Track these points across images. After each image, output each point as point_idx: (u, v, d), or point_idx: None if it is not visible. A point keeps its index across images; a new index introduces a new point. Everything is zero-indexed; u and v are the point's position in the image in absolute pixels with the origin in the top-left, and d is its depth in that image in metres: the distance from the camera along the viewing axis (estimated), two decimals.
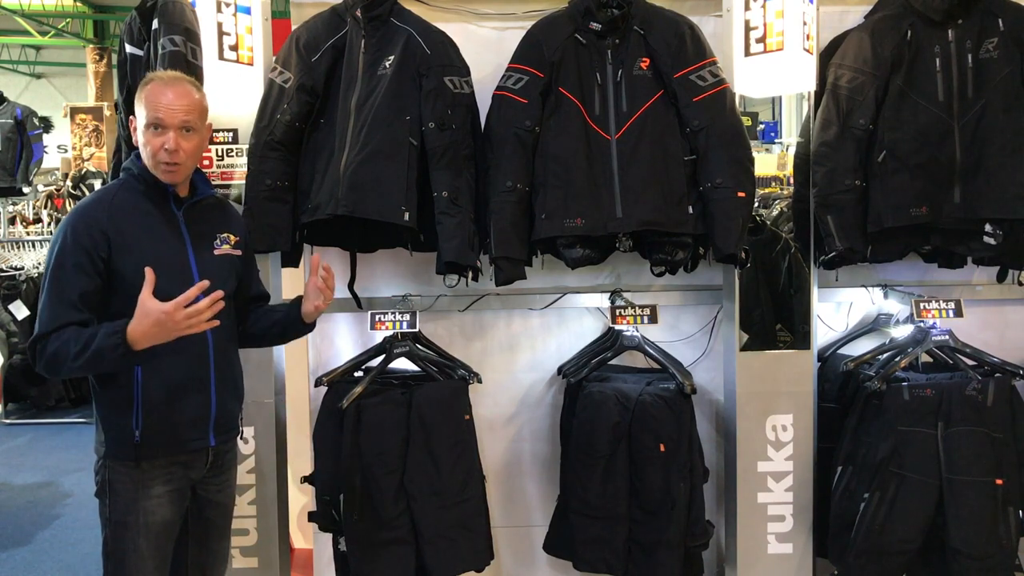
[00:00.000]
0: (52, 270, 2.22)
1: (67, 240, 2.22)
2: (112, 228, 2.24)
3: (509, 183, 2.98)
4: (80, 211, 2.29)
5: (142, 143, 2.30)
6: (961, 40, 3.07)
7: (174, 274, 2.27)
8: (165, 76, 2.35)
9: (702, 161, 3.00)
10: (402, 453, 2.98)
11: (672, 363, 3.22)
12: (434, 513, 2.98)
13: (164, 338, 2.12)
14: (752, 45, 3.04)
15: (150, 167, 2.31)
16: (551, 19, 3.11)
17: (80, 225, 2.24)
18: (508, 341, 3.49)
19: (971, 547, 2.99)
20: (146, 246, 2.27)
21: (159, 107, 2.26)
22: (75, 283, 2.19)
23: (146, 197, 2.33)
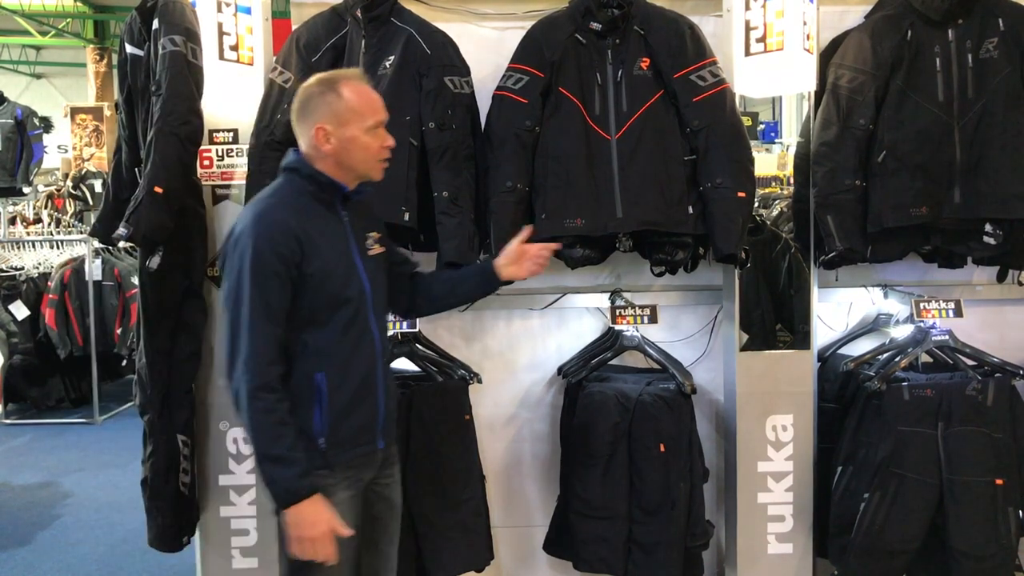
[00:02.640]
0: (252, 281, 2.12)
1: (262, 248, 2.14)
2: (301, 231, 2.19)
3: (509, 183, 2.98)
4: (265, 216, 2.20)
5: (360, 145, 2.27)
6: (961, 40, 3.07)
7: (347, 276, 2.26)
8: (359, 74, 2.36)
9: (702, 161, 3.00)
10: (402, 453, 2.98)
11: (672, 363, 3.22)
12: (434, 513, 2.98)
13: (305, 528, 2.11)
14: (752, 45, 3.04)
15: (365, 167, 2.30)
16: (551, 19, 3.11)
17: (274, 231, 2.17)
18: (508, 341, 3.49)
19: (971, 547, 2.99)
20: (325, 249, 2.23)
21: (378, 107, 2.30)
22: (278, 295, 2.15)
23: (315, 198, 2.28)
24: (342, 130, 2.24)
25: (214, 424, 3.23)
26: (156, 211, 2.89)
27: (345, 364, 2.23)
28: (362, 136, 2.26)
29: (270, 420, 2.11)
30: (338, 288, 2.22)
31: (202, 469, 3.24)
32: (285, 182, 2.31)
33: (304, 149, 2.30)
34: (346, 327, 2.24)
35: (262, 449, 2.12)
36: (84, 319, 6.86)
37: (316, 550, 2.12)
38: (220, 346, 2.16)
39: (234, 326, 2.14)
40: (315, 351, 2.20)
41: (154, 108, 2.96)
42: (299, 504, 2.10)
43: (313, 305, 2.19)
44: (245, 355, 2.11)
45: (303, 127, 2.28)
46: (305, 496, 2.11)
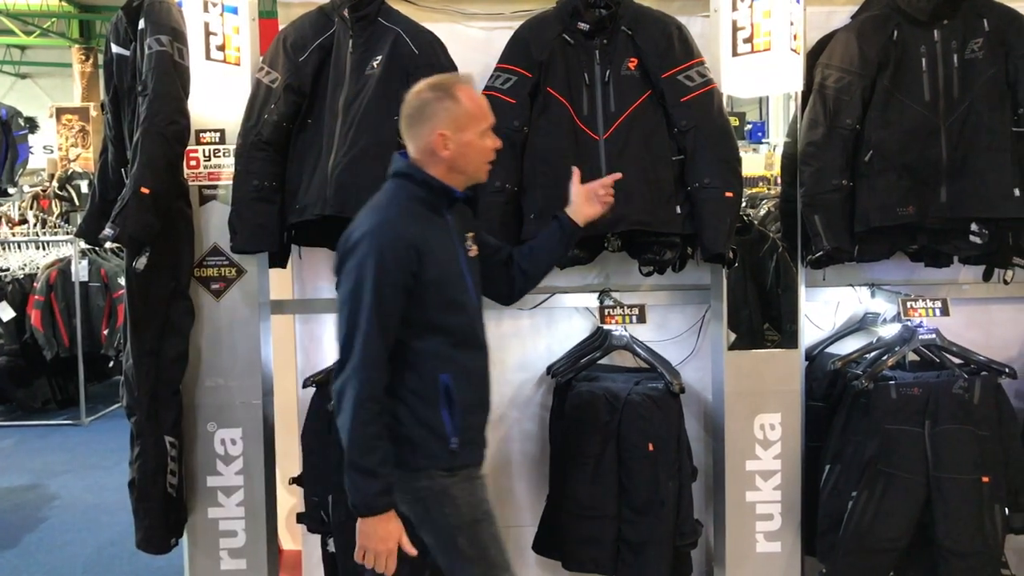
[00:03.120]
0: (371, 290, 2.16)
1: (382, 258, 2.18)
2: (420, 239, 2.24)
3: (498, 183, 2.98)
4: (386, 225, 2.24)
5: (476, 148, 2.32)
6: (947, 40, 3.09)
7: (458, 280, 2.33)
8: (470, 77, 2.43)
9: (690, 161, 3.01)
10: None
11: (660, 362, 3.23)
12: None
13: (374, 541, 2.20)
14: (739, 45, 3.04)
15: (476, 170, 2.36)
16: (539, 19, 3.12)
17: (395, 241, 2.21)
18: (497, 341, 3.45)
19: (958, 544, 3.01)
20: (440, 255, 2.29)
21: (489, 111, 2.37)
22: (395, 305, 2.20)
23: (425, 203, 2.32)
24: (460, 135, 2.29)
25: (202, 425, 3.22)
26: (143, 212, 2.88)
27: (465, 365, 2.32)
28: (477, 140, 2.32)
29: (368, 432, 2.17)
30: (452, 292, 2.29)
31: (190, 470, 3.23)
32: (398, 188, 2.34)
33: (414, 154, 2.33)
34: (462, 330, 2.32)
35: (354, 458, 2.18)
36: (70, 320, 6.83)
37: (379, 564, 2.21)
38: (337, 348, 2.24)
39: (350, 331, 2.18)
40: (437, 354, 2.28)
41: (140, 108, 2.95)
42: (374, 517, 2.19)
43: (432, 310, 2.26)
44: (357, 362, 2.17)
45: (417, 132, 2.31)
46: (381, 512, 2.19)
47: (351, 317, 2.18)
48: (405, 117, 2.34)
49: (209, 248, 3.21)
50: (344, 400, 2.17)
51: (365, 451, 2.17)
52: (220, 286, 3.22)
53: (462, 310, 2.33)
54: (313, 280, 3.43)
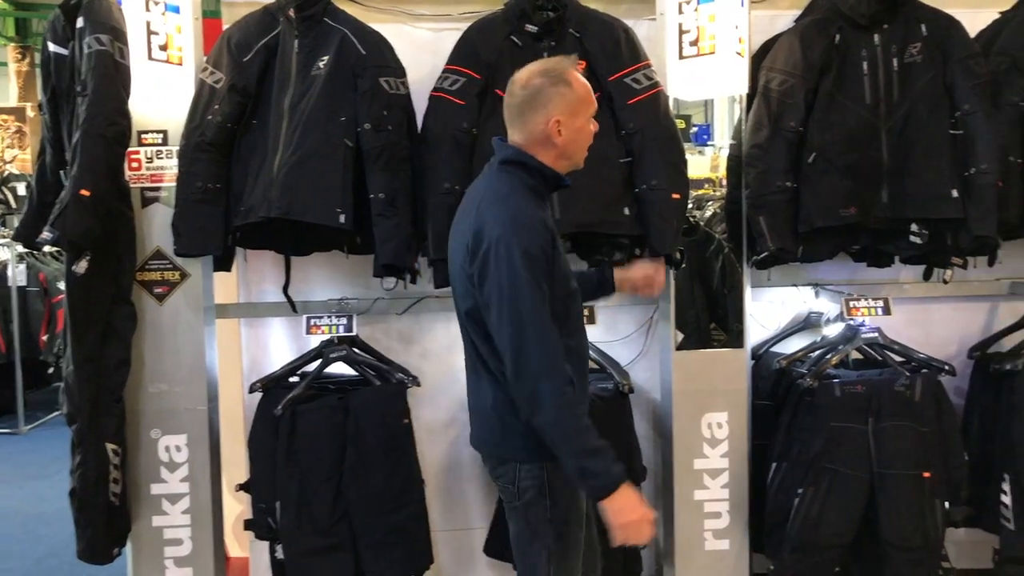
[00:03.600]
0: (528, 280, 2.10)
1: (529, 246, 2.12)
2: (551, 225, 2.23)
3: (447, 184, 2.97)
4: (522, 214, 2.18)
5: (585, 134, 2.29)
6: (887, 44, 3.15)
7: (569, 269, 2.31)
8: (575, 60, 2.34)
9: (637, 163, 3.03)
10: (339, 459, 2.96)
11: (610, 363, 3.25)
12: (372, 519, 2.96)
13: (628, 513, 2.10)
14: (685, 48, 3.08)
15: (581, 155, 2.33)
16: (487, 21, 3.11)
17: (535, 228, 2.16)
18: (448, 343, 3.47)
19: (901, 539, 3.07)
20: (558, 241, 2.26)
21: (594, 96, 2.31)
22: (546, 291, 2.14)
23: (535, 191, 2.27)
24: (573, 120, 2.25)
25: (145, 432, 3.16)
26: (82, 215, 2.81)
27: (580, 354, 2.31)
28: (587, 125, 2.29)
29: (577, 413, 2.13)
30: (569, 280, 2.29)
31: (133, 478, 3.16)
32: (511, 176, 2.26)
33: (522, 141, 2.27)
34: (576, 318, 2.31)
35: (579, 444, 2.11)
36: (7, 325, 6.65)
37: (640, 532, 2.13)
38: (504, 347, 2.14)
39: (519, 330, 2.10)
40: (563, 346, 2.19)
41: (80, 109, 2.87)
42: (620, 491, 2.09)
43: (559, 298, 2.21)
44: (540, 357, 2.10)
45: (529, 119, 2.24)
46: (624, 480, 2.11)
47: (516, 315, 2.10)
48: (514, 105, 2.27)
49: (152, 252, 3.15)
50: (541, 396, 2.09)
51: (584, 433, 2.11)
52: (163, 290, 3.16)
53: (575, 297, 2.31)
54: (258, 284, 3.39)
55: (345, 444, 2.97)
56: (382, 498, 2.98)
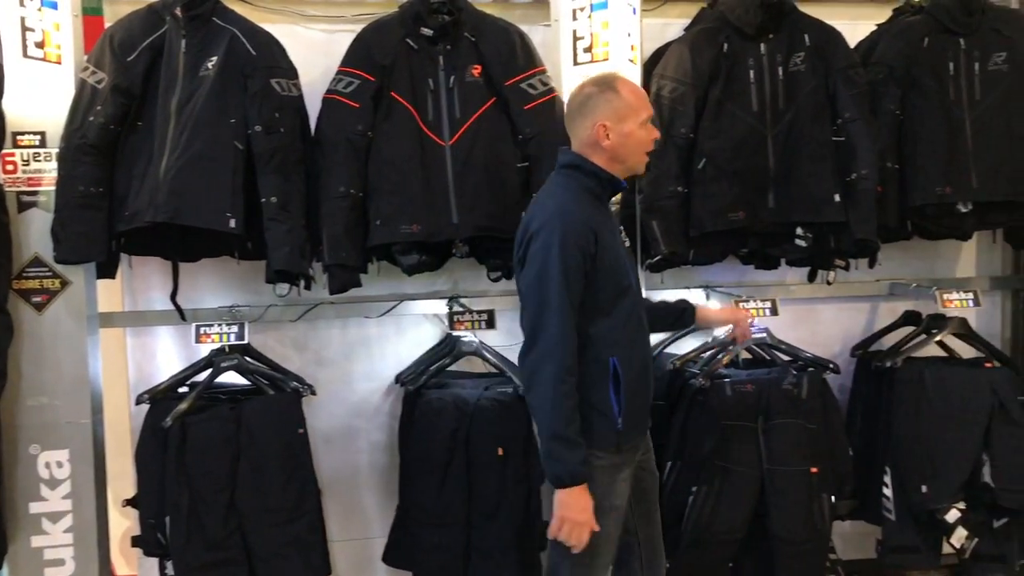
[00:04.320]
0: (559, 272, 2.27)
1: (566, 241, 2.28)
2: (595, 225, 2.36)
3: (342, 188, 2.93)
4: (566, 211, 2.34)
5: (636, 139, 2.42)
6: (772, 54, 3.25)
7: (623, 266, 2.45)
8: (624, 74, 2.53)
9: (535, 168, 3.04)
10: (232, 470, 2.88)
11: (510, 367, 3.25)
12: (267, 531, 2.89)
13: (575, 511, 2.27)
14: (580, 55, 3.11)
15: (636, 160, 2.47)
16: (381, 23, 3.08)
17: (576, 226, 2.32)
18: (343, 351, 3.43)
19: (790, 533, 3.16)
20: (609, 241, 2.40)
21: (648, 103, 2.48)
22: (577, 286, 2.30)
23: (592, 193, 2.43)
24: (620, 125, 2.40)
25: (23, 448, 2.99)
26: None
27: (630, 348, 2.42)
28: (637, 130, 2.42)
29: (569, 403, 2.26)
30: (620, 277, 2.41)
31: (10, 497, 2.99)
32: (567, 179, 2.45)
33: (577, 147, 2.46)
34: (628, 314, 2.42)
35: (557, 429, 2.26)
36: None
37: (574, 534, 2.28)
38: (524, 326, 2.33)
39: (539, 311, 2.28)
40: (606, 337, 2.36)
41: None
42: (576, 488, 2.26)
43: (604, 294, 2.36)
44: (551, 339, 2.26)
45: (580, 124, 2.43)
46: (582, 481, 2.27)
47: (540, 297, 2.28)
48: (568, 113, 2.49)
49: (30, 259, 2.99)
50: (541, 375, 2.26)
51: (568, 422, 2.26)
52: (42, 299, 3.01)
53: (627, 294, 2.42)
54: (145, 291, 3.27)
55: (238, 455, 2.89)
56: (277, 509, 2.91)
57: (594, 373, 2.36)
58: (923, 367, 3.44)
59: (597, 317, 2.36)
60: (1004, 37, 3.34)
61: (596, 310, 2.35)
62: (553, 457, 2.28)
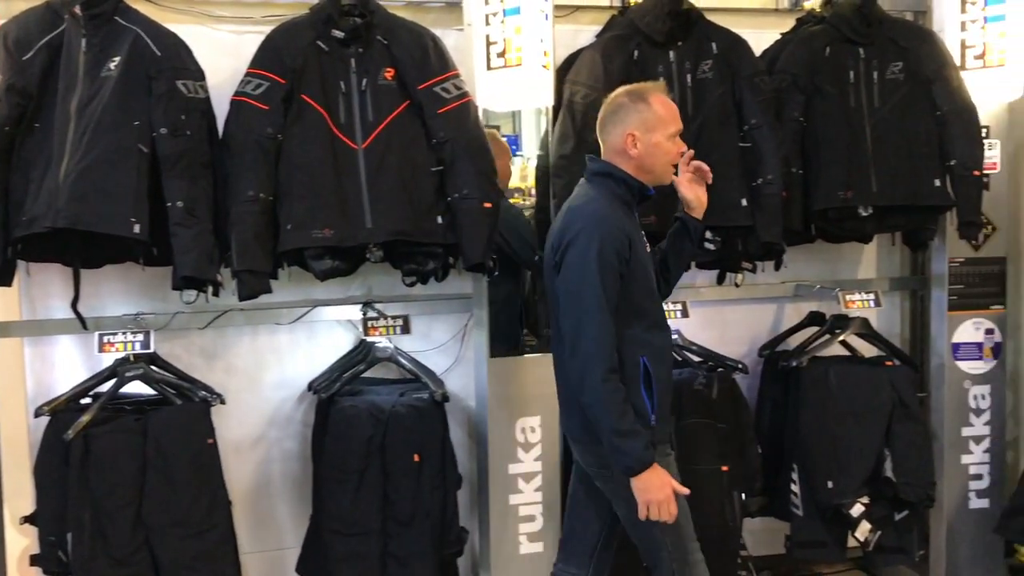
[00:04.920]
0: (597, 275, 2.37)
1: (604, 245, 2.39)
2: (629, 230, 2.47)
3: (251, 192, 2.87)
4: (603, 216, 2.46)
5: (662, 150, 2.52)
6: (681, 61, 3.31)
7: (650, 272, 2.56)
8: (663, 87, 2.61)
9: (449, 172, 3.04)
10: (138, 484, 2.80)
11: (425, 372, 3.24)
12: (176, 544, 2.81)
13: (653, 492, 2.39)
14: (493, 60, 3.11)
15: (661, 172, 2.55)
16: (292, 25, 3.03)
17: (613, 230, 2.43)
18: (254, 358, 3.36)
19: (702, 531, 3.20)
20: (639, 247, 2.51)
21: (678, 117, 2.56)
22: (613, 288, 2.41)
23: (622, 200, 2.54)
24: (648, 136, 2.50)
25: None
26: None
27: (659, 349, 2.54)
28: (664, 142, 2.52)
29: (618, 398, 2.38)
30: (648, 281, 2.54)
31: None
32: (600, 186, 2.55)
33: (606, 153, 2.56)
34: (655, 316, 2.56)
35: (614, 424, 2.37)
36: None
37: (663, 510, 2.40)
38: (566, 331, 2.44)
39: (580, 316, 2.40)
40: (637, 338, 2.47)
41: None
42: (647, 471, 2.37)
43: (636, 297, 2.48)
44: (592, 344, 2.37)
45: (610, 132, 2.55)
46: (650, 464, 2.38)
47: (580, 302, 2.40)
48: (601, 120, 2.58)
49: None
50: (589, 379, 2.37)
51: (621, 415, 2.37)
52: None
53: (653, 296, 2.56)
54: (44, 299, 3.15)
55: (145, 468, 2.82)
56: (186, 522, 2.84)
57: (628, 373, 2.46)
58: (828, 366, 3.56)
59: (630, 319, 2.46)
60: (900, 47, 3.47)
61: (629, 312, 2.46)
62: (618, 451, 2.39)
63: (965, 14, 3.51)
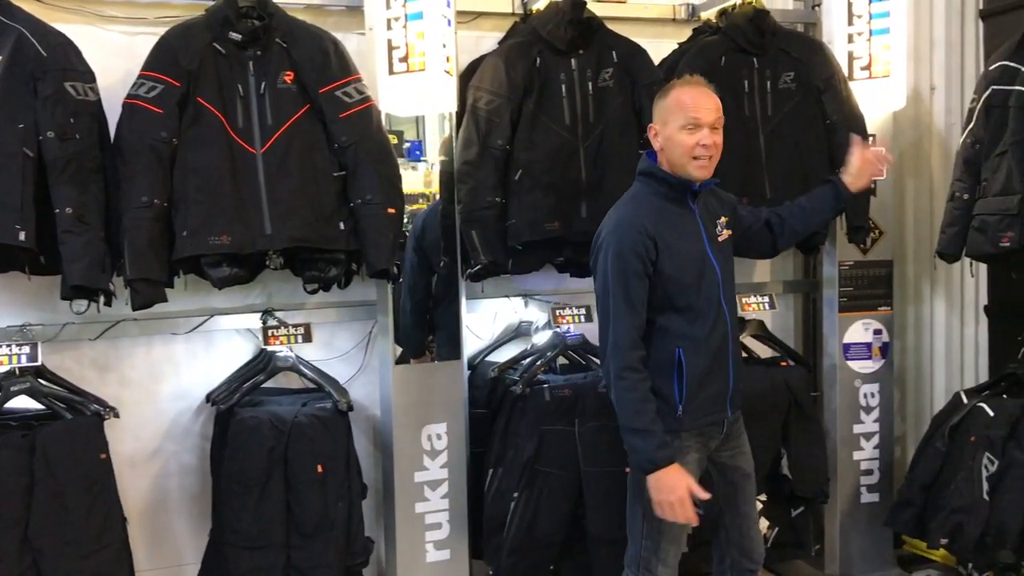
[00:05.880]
0: (615, 278, 2.51)
1: (621, 250, 2.51)
2: (655, 231, 2.53)
3: (145, 198, 2.78)
4: (623, 221, 2.57)
5: (675, 141, 2.54)
6: (583, 69, 3.36)
7: (697, 265, 2.59)
8: (699, 80, 2.64)
9: (351, 177, 3.01)
10: (25, 502, 2.67)
11: (328, 381, 3.20)
12: (67, 565, 2.70)
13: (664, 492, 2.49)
14: (395, 64, 3.09)
15: (680, 164, 2.56)
16: (187, 26, 2.95)
17: (632, 234, 2.52)
18: (149, 370, 3.25)
19: (605, 532, 3.26)
20: (677, 244, 2.56)
21: (694, 107, 2.54)
22: (637, 289, 2.50)
23: (667, 198, 2.61)
24: (664, 128, 2.58)
25: None
26: None
27: (701, 342, 2.58)
28: (676, 134, 2.54)
29: (633, 397, 2.49)
30: (692, 278, 2.57)
31: None
32: (641, 186, 2.66)
33: None
34: (701, 309, 2.58)
35: (626, 422, 2.51)
36: None
37: (675, 511, 2.48)
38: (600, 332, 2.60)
39: (604, 317, 2.55)
40: (675, 331, 2.56)
41: None
42: (659, 472, 2.47)
43: (670, 293, 2.55)
44: (612, 342, 2.51)
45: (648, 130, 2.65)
46: (663, 465, 2.47)
47: (604, 306, 2.55)
48: None
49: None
50: (609, 376, 2.52)
51: (634, 414, 2.49)
52: None
53: (701, 291, 2.58)
54: None
55: (32, 486, 2.69)
56: (78, 541, 2.73)
57: (662, 362, 2.56)
58: None
59: (666, 311, 2.56)
60: (792, 58, 3.59)
61: (665, 304, 2.55)
62: (631, 448, 2.52)
63: (852, 27, 3.66)
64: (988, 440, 3.28)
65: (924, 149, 4.17)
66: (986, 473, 3.26)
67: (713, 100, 2.60)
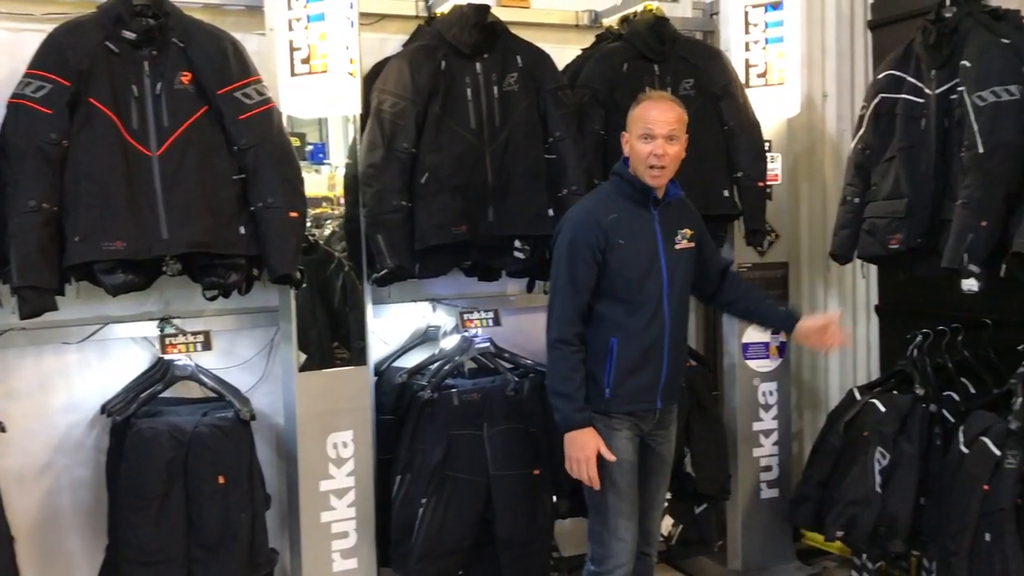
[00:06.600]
0: (565, 261, 2.77)
1: (573, 236, 2.77)
2: (607, 224, 2.76)
3: (33, 202, 2.68)
4: (579, 211, 2.86)
5: (635, 150, 2.77)
6: (487, 73, 3.36)
7: (646, 265, 2.79)
8: (655, 95, 2.89)
9: (252, 181, 2.95)
10: None
11: (229, 390, 3.13)
12: None
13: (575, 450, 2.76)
14: (297, 66, 3.04)
15: (640, 171, 2.77)
16: (77, 24, 2.85)
17: (585, 223, 2.78)
18: (38, 381, 3.12)
19: (514, 535, 3.28)
20: (629, 241, 2.77)
21: (654, 119, 2.74)
22: (583, 272, 2.75)
23: (630, 199, 2.82)
24: (630, 136, 2.80)
25: None
26: None
27: (636, 333, 2.79)
28: (635, 143, 2.77)
29: (563, 366, 2.76)
30: (638, 274, 2.78)
31: None
32: (609, 184, 2.91)
33: None
34: (641, 304, 2.79)
35: (554, 385, 2.79)
36: None
37: (582, 469, 2.75)
38: None
39: (552, 295, 2.81)
40: (613, 320, 2.79)
41: None
42: (574, 431, 2.75)
43: (614, 284, 2.77)
44: (554, 315, 2.78)
45: None
46: (579, 426, 2.74)
47: (554, 284, 2.81)
48: None
49: None
50: (547, 344, 2.79)
51: (560, 380, 2.76)
52: None
53: (644, 287, 2.78)
54: None
55: None
56: None
57: (598, 346, 2.79)
58: None
59: (608, 300, 2.78)
60: (691, 65, 3.67)
61: (608, 293, 2.77)
62: (555, 408, 2.78)
63: (748, 35, 3.78)
64: (880, 435, 3.42)
65: (817, 154, 4.32)
66: (878, 467, 3.39)
67: (670, 113, 2.78)
